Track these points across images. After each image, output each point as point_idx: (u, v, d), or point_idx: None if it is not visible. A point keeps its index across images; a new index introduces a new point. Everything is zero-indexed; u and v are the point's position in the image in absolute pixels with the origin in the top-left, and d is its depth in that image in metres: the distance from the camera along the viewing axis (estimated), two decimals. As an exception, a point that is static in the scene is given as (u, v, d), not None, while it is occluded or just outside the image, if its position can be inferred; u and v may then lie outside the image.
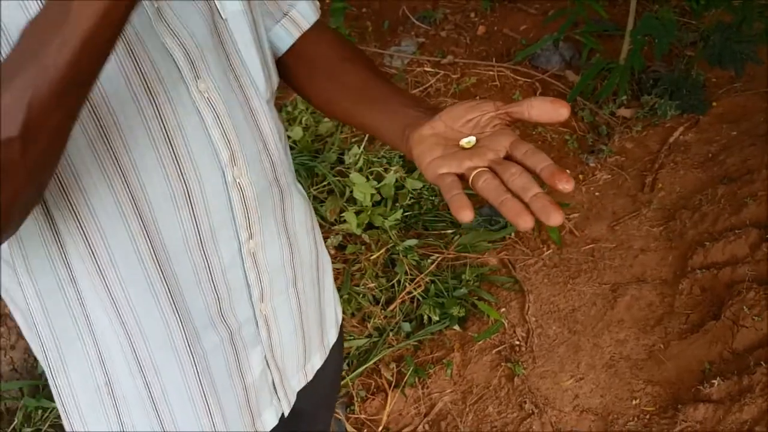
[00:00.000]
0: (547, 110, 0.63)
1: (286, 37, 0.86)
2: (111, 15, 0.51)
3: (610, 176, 2.53)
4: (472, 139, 0.66)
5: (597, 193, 2.47)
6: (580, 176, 2.55)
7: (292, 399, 0.95)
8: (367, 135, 2.49)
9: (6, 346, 1.86)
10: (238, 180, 0.75)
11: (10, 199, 0.53)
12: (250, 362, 0.85)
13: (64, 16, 0.50)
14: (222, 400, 0.83)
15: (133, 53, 0.65)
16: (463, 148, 0.66)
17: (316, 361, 1.00)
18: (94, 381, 0.77)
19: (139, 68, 0.65)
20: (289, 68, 0.88)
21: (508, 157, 0.63)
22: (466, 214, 0.59)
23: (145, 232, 0.70)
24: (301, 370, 0.96)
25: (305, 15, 0.87)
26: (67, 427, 0.84)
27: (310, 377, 0.99)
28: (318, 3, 0.90)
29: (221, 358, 0.81)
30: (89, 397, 0.79)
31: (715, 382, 1.70)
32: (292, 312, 0.90)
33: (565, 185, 0.57)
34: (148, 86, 0.66)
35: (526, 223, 0.57)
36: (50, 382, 0.81)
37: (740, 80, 2.68)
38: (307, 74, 0.88)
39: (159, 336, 0.76)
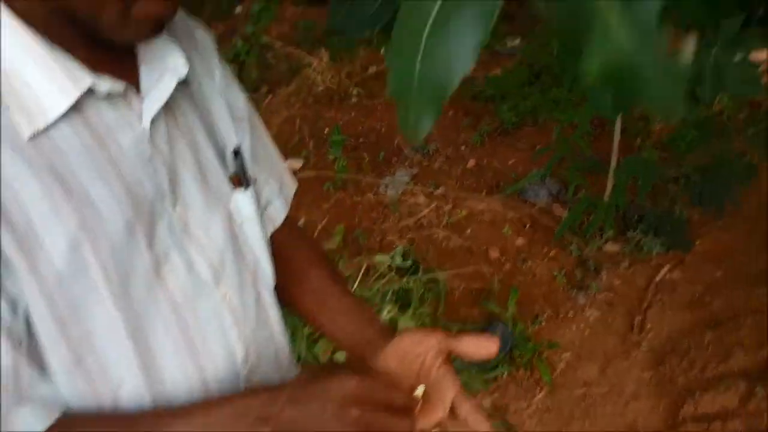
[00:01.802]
0: (477, 346, 0.75)
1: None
2: None
3: (599, 313, 2.56)
4: (421, 389, 0.76)
5: (587, 331, 2.50)
6: (570, 313, 2.59)
7: None
8: (362, 271, 2.56)
9: None
10: (249, 377, 0.78)
11: None
12: None
13: None
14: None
15: (160, 274, 0.69)
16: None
17: None
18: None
19: (165, 287, 0.69)
20: None
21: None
22: None
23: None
24: None
25: (279, 212, 0.89)
26: None
27: None
28: (290, 198, 0.91)
29: None
30: None
31: None
32: None
33: None
34: (173, 301, 0.70)
35: None
36: None
37: (722, 218, 2.77)
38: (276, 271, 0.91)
39: None
